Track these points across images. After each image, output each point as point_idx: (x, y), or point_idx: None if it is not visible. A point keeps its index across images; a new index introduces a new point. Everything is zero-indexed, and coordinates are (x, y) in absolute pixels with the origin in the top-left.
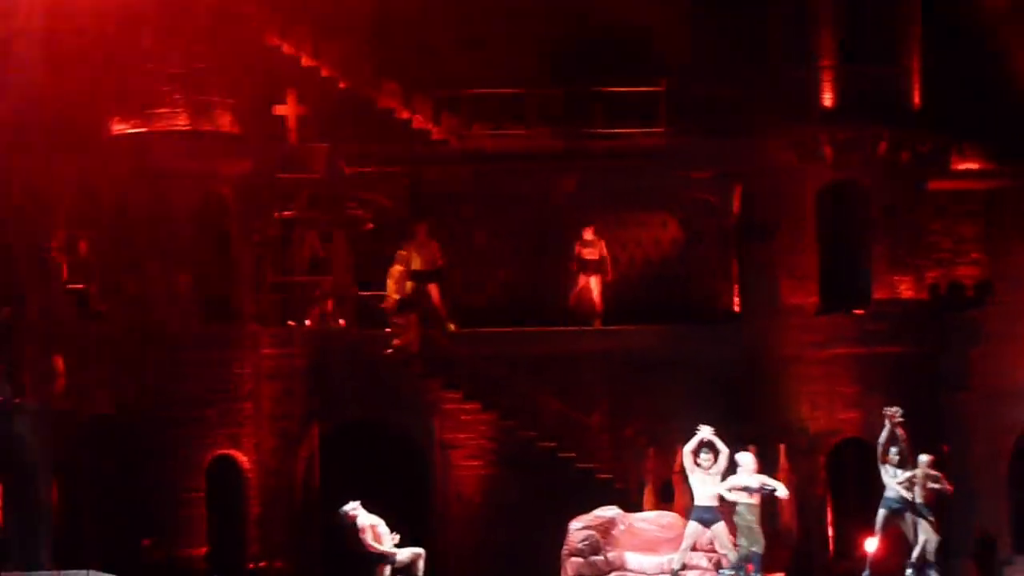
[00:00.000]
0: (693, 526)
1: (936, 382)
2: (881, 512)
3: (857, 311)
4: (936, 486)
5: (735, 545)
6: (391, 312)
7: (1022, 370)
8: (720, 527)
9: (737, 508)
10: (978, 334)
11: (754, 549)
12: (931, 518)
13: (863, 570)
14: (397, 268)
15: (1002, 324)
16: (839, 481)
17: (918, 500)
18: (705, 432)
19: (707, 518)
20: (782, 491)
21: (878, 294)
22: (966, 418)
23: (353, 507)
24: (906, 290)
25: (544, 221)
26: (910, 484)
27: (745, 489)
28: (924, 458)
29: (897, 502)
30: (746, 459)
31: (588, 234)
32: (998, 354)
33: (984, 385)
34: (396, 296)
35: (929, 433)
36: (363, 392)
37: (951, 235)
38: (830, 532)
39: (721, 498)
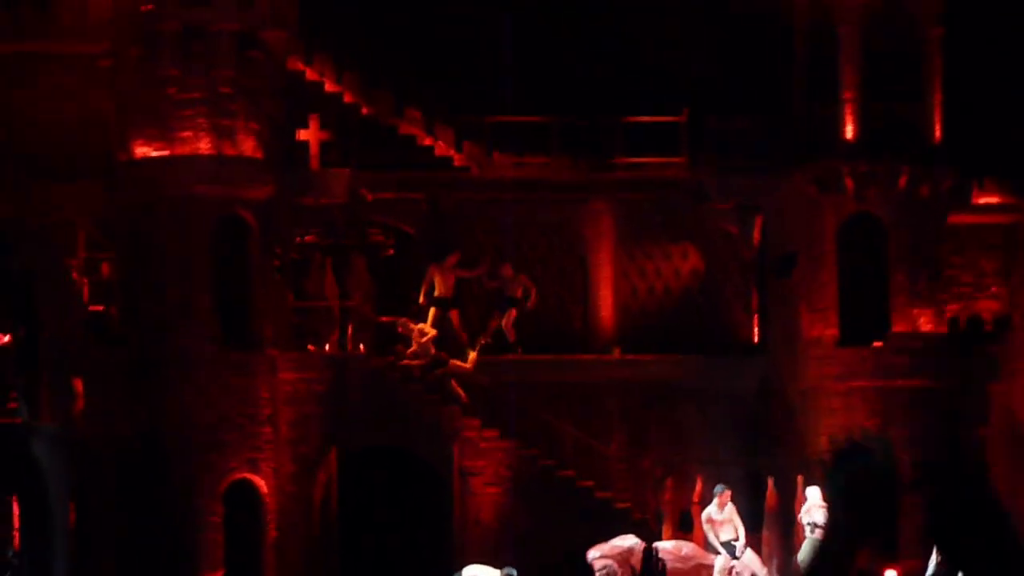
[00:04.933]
0: (722, 559)
1: (955, 417)
2: None
3: (877, 344)
4: None
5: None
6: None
7: None
8: (749, 554)
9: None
10: (997, 369)
11: None
12: None
13: None
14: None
15: (1021, 358)
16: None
17: None
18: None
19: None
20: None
21: (898, 327)
22: (985, 453)
23: None
24: (926, 323)
25: (565, 250)
26: None
27: (812, 525)
28: None
29: None
30: (814, 493)
31: (508, 270)
32: (1016, 388)
33: (1003, 421)
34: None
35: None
36: (382, 417)
37: (971, 269)
38: None
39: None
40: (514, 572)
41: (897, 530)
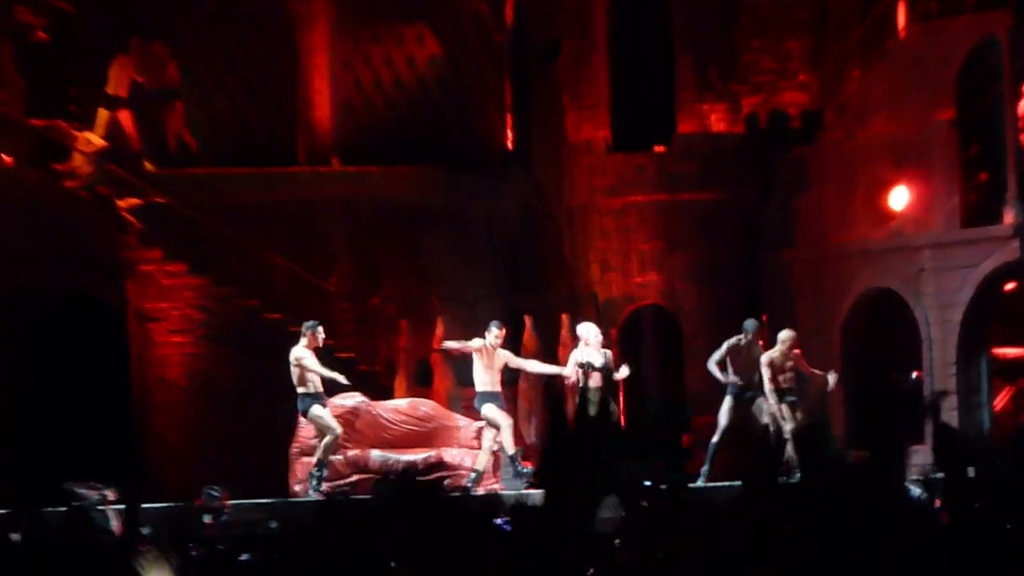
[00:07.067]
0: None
1: (754, 236)
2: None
3: (658, 148)
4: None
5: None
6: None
7: (858, 222)
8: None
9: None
10: (805, 177)
11: None
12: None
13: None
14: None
15: (834, 164)
16: (635, 356)
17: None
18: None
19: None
20: (623, 372)
21: (684, 127)
22: (789, 281)
23: None
24: (718, 122)
25: (271, 34)
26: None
27: (587, 367)
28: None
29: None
30: (590, 331)
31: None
32: (828, 202)
33: (811, 240)
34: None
35: (746, 299)
36: (40, 249)
37: (773, 53)
38: (622, 419)
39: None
40: (216, 492)
41: None
